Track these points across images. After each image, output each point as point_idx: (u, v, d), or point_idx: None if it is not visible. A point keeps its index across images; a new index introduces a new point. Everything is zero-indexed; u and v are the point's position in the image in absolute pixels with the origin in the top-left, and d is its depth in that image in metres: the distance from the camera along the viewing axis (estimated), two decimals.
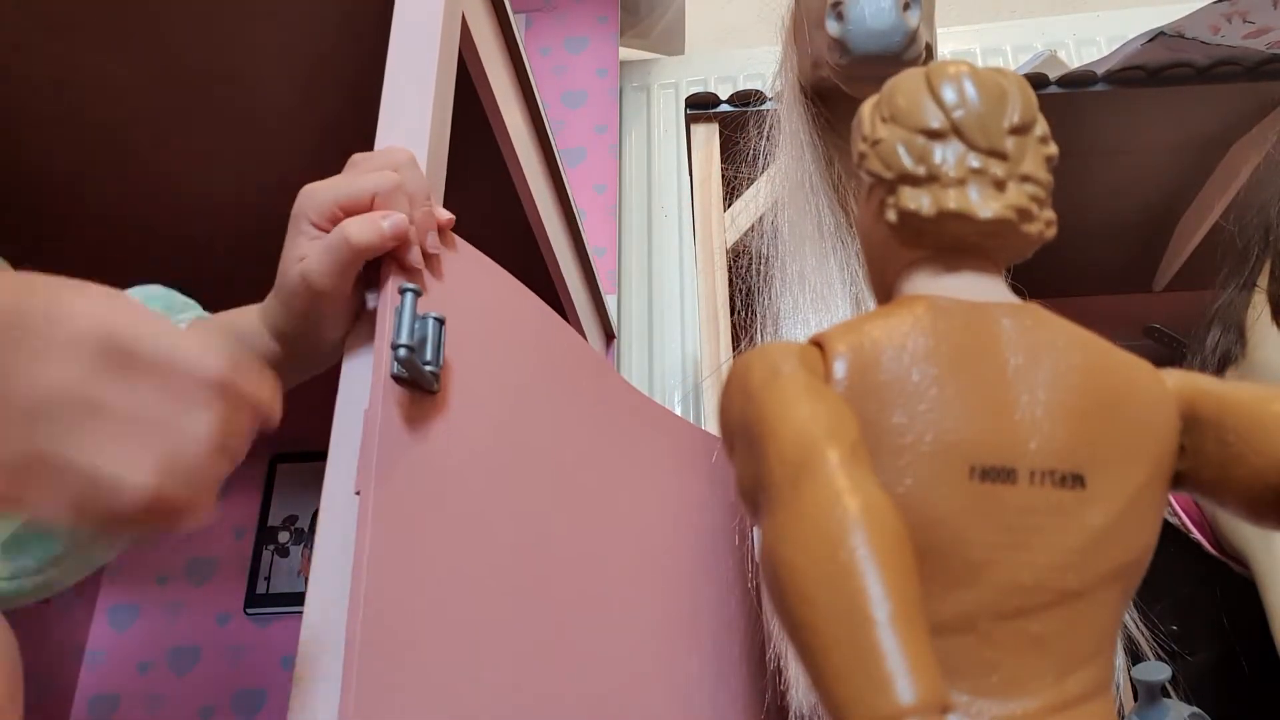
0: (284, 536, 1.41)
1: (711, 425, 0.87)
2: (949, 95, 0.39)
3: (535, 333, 0.61)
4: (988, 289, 0.40)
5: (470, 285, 0.55)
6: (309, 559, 0.85)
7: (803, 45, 0.82)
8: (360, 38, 0.76)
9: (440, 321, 0.49)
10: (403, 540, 0.44)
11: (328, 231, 0.50)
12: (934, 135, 0.39)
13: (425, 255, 0.51)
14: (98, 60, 0.79)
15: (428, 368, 0.48)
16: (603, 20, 1.75)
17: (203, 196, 0.99)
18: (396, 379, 0.47)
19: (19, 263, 0.59)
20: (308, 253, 0.50)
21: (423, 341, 0.48)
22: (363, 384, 0.49)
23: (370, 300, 0.53)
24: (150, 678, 1.35)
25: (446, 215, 0.54)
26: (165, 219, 1.02)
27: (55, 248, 1.01)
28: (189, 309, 0.61)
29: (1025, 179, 0.39)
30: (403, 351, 0.46)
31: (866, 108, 0.43)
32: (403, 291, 0.48)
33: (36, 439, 0.31)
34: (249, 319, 0.56)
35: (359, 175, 0.50)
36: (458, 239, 0.55)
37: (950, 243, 0.40)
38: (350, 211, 0.49)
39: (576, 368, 0.65)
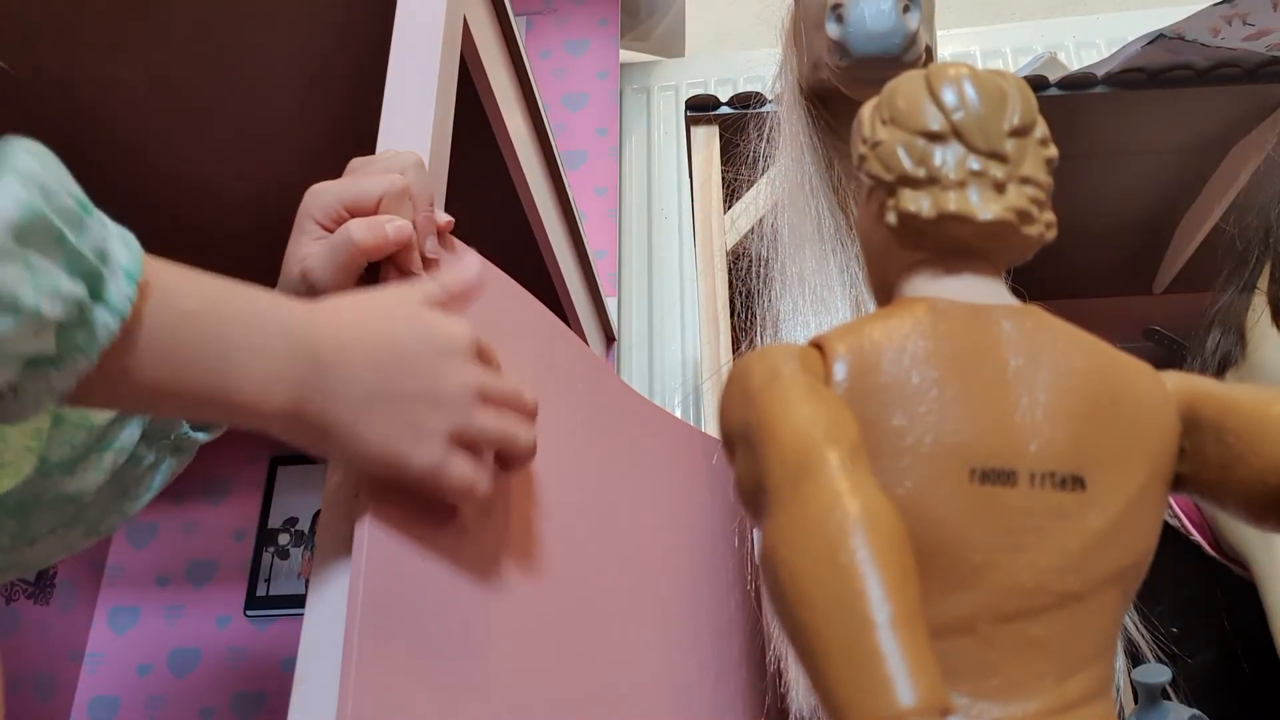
0: (284, 538, 1.41)
1: (711, 428, 0.87)
2: (949, 97, 0.40)
3: (535, 335, 0.61)
4: (988, 291, 0.40)
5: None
6: (309, 561, 0.85)
7: (802, 47, 0.82)
8: (362, 41, 0.76)
9: None
10: (402, 542, 0.44)
11: (332, 231, 0.50)
12: (934, 137, 0.39)
13: (424, 259, 0.51)
14: (102, 65, 0.80)
15: None
16: (603, 23, 1.75)
17: (206, 199, 0.99)
18: None
19: None
20: (311, 252, 0.50)
21: None
22: None
23: None
24: (150, 680, 1.35)
25: (446, 219, 0.54)
26: (169, 222, 1.02)
27: None
28: None
29: (1025, 181, 0.39)
30: None
31: (866, 110, 0.43)
32: None
33: (462, 418, 0.44)
34: None
35: (366, 177, 0.50)
36: (458, 242, 0.55)
37: (950, 245, 0.40)
38: (356, 213, 0.49)
39: (576, 370, 0.65)
